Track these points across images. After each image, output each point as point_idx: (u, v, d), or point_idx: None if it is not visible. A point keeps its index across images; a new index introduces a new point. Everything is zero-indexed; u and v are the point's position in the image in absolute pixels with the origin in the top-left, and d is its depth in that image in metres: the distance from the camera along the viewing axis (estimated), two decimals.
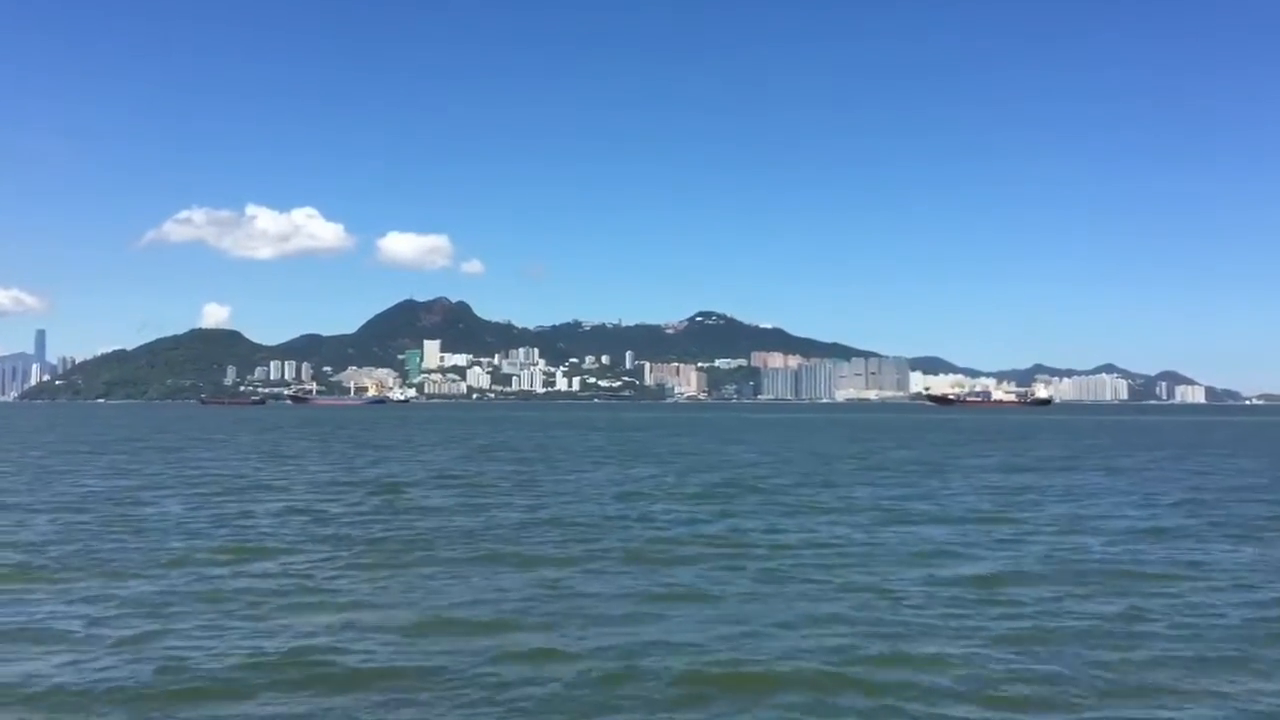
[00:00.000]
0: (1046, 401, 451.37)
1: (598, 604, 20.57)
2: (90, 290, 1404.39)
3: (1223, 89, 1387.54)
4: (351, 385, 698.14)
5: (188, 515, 34.48)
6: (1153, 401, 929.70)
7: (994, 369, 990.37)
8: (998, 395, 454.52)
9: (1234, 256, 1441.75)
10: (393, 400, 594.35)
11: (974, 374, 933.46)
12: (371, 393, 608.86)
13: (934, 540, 29.11)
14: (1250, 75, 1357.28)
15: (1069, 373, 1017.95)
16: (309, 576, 23.41)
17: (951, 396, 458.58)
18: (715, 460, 67.54)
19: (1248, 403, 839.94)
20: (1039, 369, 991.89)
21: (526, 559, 25.82)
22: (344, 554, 26.59)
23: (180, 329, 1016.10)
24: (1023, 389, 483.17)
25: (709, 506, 37.57)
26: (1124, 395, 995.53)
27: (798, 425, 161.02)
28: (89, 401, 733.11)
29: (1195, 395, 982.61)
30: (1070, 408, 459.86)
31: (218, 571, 23.98)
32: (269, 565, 24.92)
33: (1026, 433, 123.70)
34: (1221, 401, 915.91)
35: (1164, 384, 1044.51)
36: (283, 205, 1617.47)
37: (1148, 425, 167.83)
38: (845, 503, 39.37)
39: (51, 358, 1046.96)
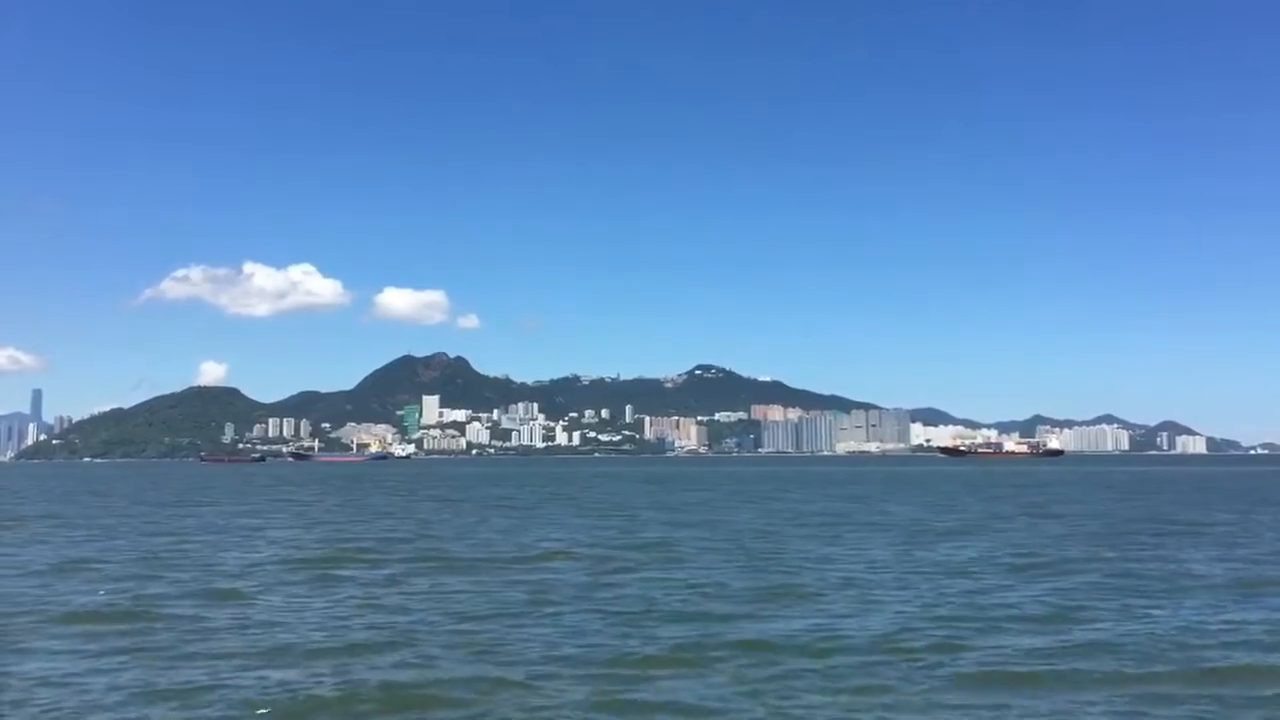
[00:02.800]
0: (1058, 453, 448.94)
1: None
2: (87, 349, 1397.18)
3: (1218, 141, 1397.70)
4: (354, 442, 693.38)
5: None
6: (1154, 452, 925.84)
7: (993, 420, 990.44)
8: (1009, 446, 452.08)
9: (1231, 306, 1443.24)
10: (395, 456, 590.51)
11: (974, 425, 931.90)
12: (374, 449, 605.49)
13: None
14: (1249, 121, 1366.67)
15: (1068, 423, 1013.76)
16: None
17: (963, 448, 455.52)
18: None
19: (1251, 452, 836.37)
20: (1038, 419, 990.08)
21: None
22: None
23: (177, 387, 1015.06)
24: (1034, 440, 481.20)
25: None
26: (1125, 446, 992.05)
27: (858, 479, 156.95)
28: (87, 461, 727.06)
29: (1196, 446, 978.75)
30: (1082, 459, 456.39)
31: None
32: None
33: (1145, 489, 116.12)
34: (1222, 451, 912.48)
35: (1165, 434, 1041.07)
36: (280, 262, 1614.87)
37: (1196, 476, 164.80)
38: None
39: (48, 417, 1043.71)
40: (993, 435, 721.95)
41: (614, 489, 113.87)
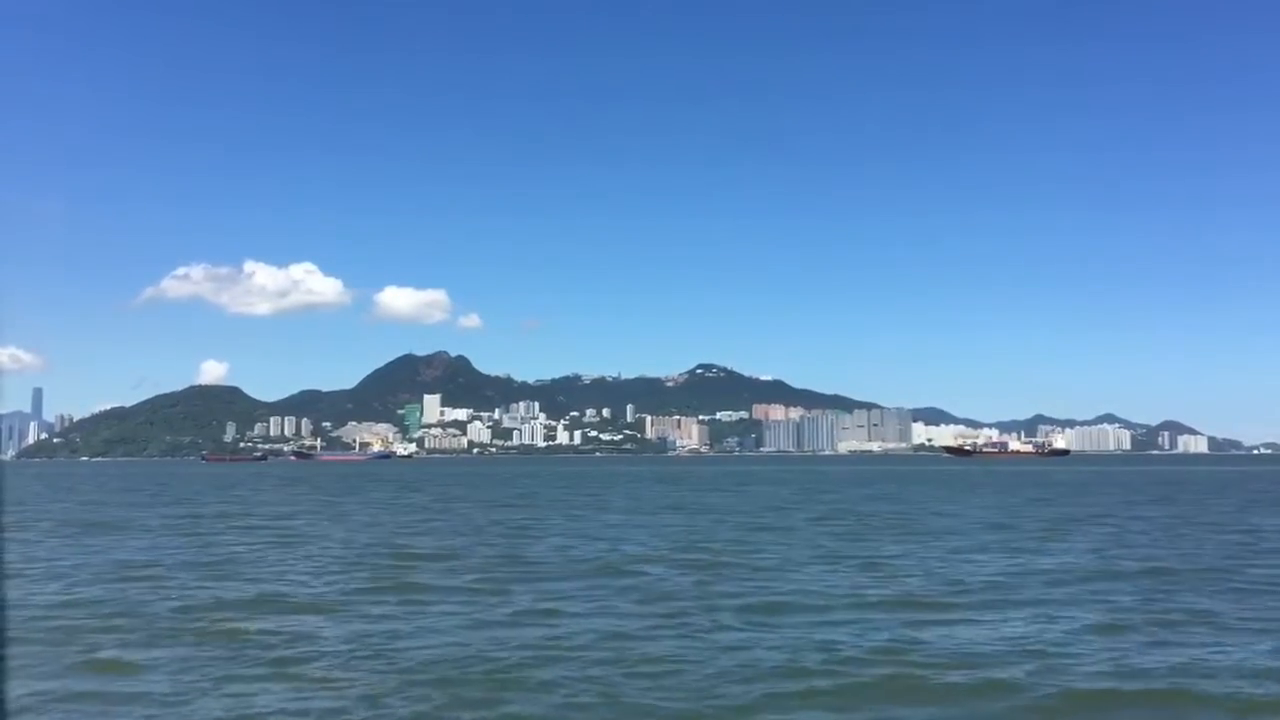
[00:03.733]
0: (1064, 452, 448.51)
1: None
2: (88, 347, 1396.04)
3: (1220, 140, 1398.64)
4: (356, 441, 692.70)
5: None
6: (1155, 451, 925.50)
7: (994, 419, 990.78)
8: (1015, 446, 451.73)
9: (1232, 305, 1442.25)
10: (398, 455, 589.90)
11: (975, 425, 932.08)
12: (377, 448, 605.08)
13: None
14: (1251, 120, 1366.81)
15: (1070, 423, 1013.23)
16: None
17: (968, 448, 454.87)
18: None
19: (1254, 452, 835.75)
20: (1040, 419, 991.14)
21: None
22: None
23: (178, 386, 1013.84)
24: (1040, 440, 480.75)
25: None
26: (1126, 445, 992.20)
27: (880, 479, 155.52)
28: (84, 460, 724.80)
29: (1198, 445, 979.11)
30: (1089, 459, 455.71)
31: None
32: None
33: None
34: (1224, 451, 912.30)
35: (1166, 434, 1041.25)
36: (281, 261, 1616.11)
37: (1217, 476, 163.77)
38: None
39: (49, 416, 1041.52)
40: (994, 435, 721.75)
41: (637, 489, 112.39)
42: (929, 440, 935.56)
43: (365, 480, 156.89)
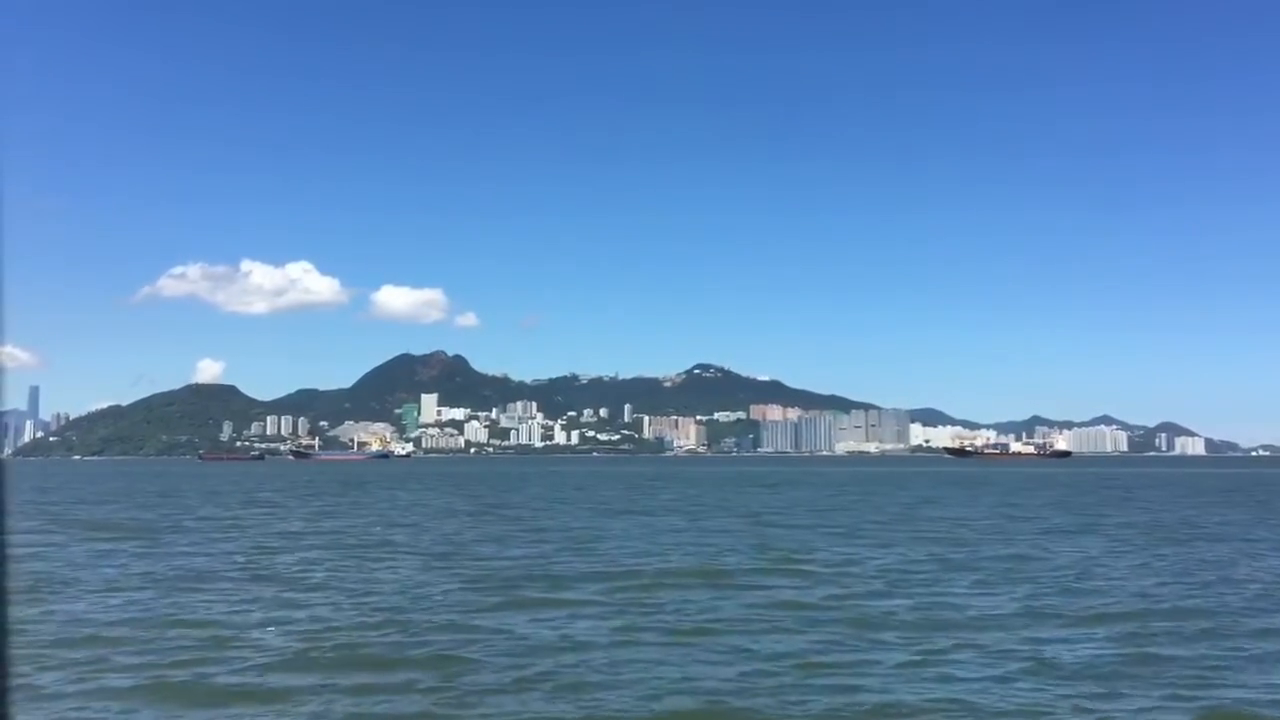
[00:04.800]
0: (1066, 454, 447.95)
1: None
2: (84, 346, 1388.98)
3: (1217, 141, 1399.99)
4: (354, 440, 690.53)
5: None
6: (1153, 453, 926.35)
7: (992, 420, 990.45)
8: (1016, 447, 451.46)
9: (1229, 307, 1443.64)
10: (396, 455, 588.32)
11: (972, 426, 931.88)
12: (375, 447, 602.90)
13: None
14: (1248, 121, 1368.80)
15: (1067, 424, 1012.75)
16: None
17: (969, 449, 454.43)
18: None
19: (1252, 454, 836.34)
20: (1037, 420, 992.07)
21: None
22: None
23: (175, 384, 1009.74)
24: (1041, 441, 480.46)
25: None
26: (1124, 447, 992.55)
27: (908, 481, 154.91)
28: (77, 459, 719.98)
29: (1195, 447, 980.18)
30: (1091, 461, 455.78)
31: None
32: None
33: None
34: (1221, 453, 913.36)
35: (1163, 435, 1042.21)
36: (277, 259, 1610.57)
37: (1256, 479, 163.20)
38: None
39: (45, 414, 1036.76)
40: (992, 436, 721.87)
41: (668, 489, 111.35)
42: (926, 441, 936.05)
43: (393, 480, 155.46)
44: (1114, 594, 30.10)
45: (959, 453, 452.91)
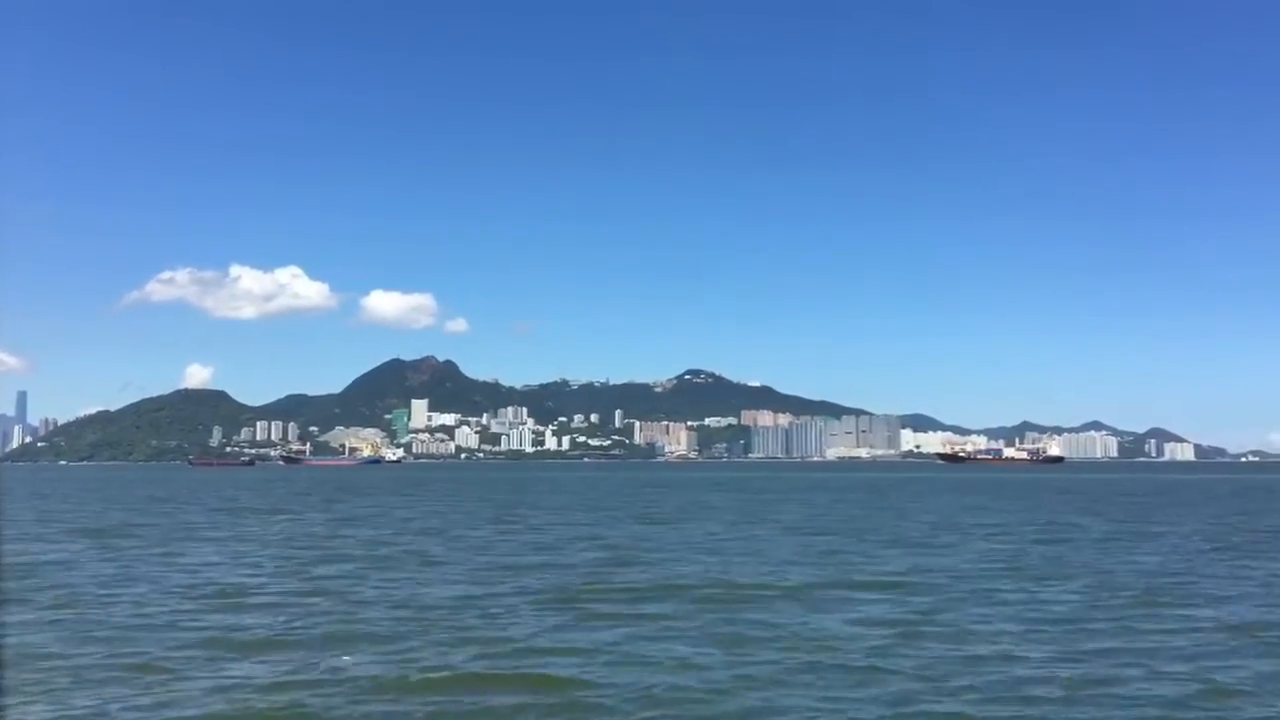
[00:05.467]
0: (1059, 459, 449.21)
1: None
2: (73, 351, 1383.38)
3: (1207, 147, 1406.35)
4: (345, 445, 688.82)
5: None
6: (1142, 459, 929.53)
7: (981, 426, 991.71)
8: (1010, 453, 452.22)
9: (1216, 313, 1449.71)
10: (388, 461, 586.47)
11: (962, 431, 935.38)
12: (366, 453, 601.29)
13: None
14: (1238, 128, 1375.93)
15: (1057, 430, 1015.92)
16: None
17: (963, 455, 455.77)
18: None
19: (1242, 459, 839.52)
20: (1027, 426, 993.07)
21: None
22: None
23: (163, 390, 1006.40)
24: (1034, 447, 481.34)
25: None
26: (1114, 452, 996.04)
27: (935, 488, 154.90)
28: (63, 464, 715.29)
29: (1184, 453, 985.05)
30: (1084, 467, 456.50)
31: None
32: None
33: None
34: (1210, 459, 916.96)
35: (1153, 441, 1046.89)
36: (266, 264, 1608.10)
37: (1249, 485, 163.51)
38: None
39: (33, 419, 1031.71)
40: (982, 441, 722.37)
41: (674, 496, 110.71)
42: (917, 447, 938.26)
43: (397, 486, 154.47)
44: None
45: (952, 458, 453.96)
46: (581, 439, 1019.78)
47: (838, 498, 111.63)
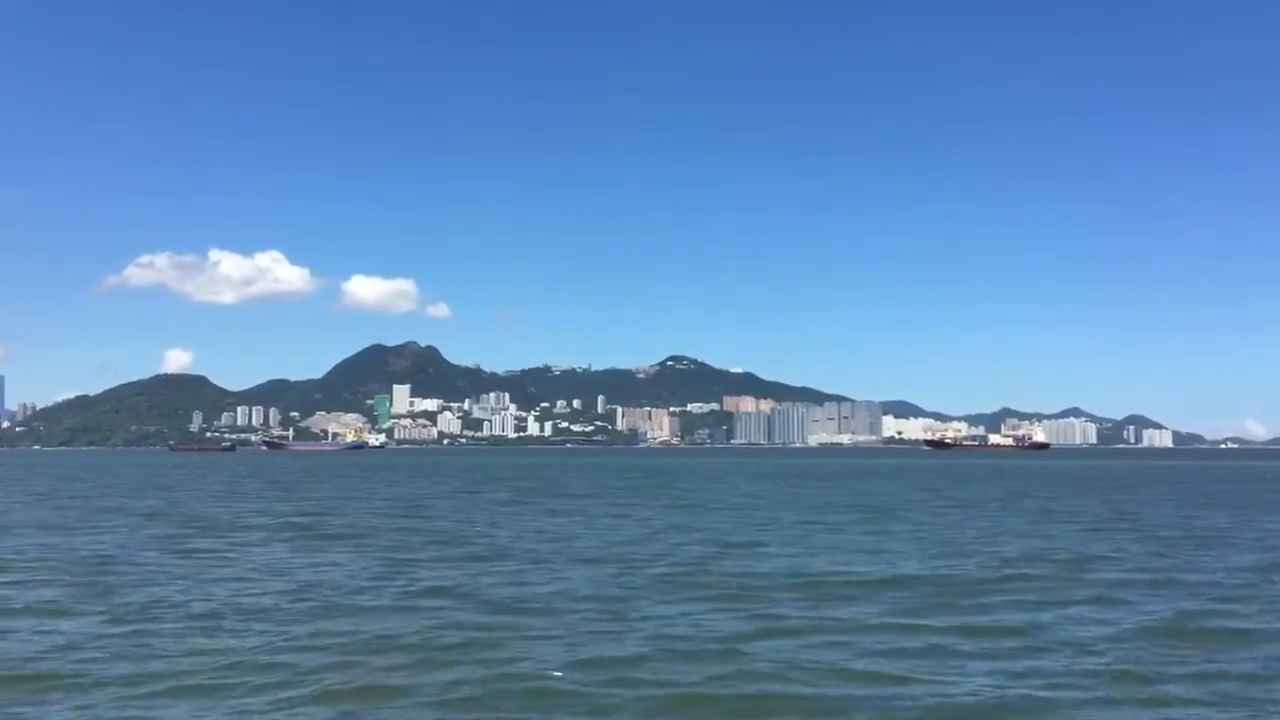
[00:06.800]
0: (1044, 446, 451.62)
1: None
2: (50, 336, 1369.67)
3: (1183, 139, 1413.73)
4: (329, 431, 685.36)
5: None
6: (1121, 445, 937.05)
7: (962, 413, 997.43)
8: (995, 439, 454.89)
9: (1194, 303, 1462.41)
10: (371, 446, 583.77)
11: (943, 418, 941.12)
12: (350, 438, 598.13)
13: None
14: (1212, 120, 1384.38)
15: (1036, 416, 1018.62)
16: None
17: (949, 441, 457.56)
18: None
19: (1221, 446, 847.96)
20: (1006, 413, 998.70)
21: None
22: None
23: (142, 374, 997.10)
24: (1020, 434, 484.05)
25: None
26: (1093, 439, 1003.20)
27: (951, 474, 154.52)
28: (36, 449, 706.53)
29: (1163, 440, 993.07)
30: (1068, 453, 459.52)
31: None
32: None
33: None
34: (1188, 445, 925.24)
35: (1131, 428, 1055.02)
36: (246, 249, 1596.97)
37: (1254, 471, 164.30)
38: None
39: (11, 404, 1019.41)
40: (963, 428, 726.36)
41: (687, 480, 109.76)
42: (899, 433, 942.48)
43: (398, 472, 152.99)
44: None
45: (938, 444, 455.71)
46: (564, 425, 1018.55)
47: (890, 481, 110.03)
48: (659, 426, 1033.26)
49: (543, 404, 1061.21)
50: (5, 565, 36.35)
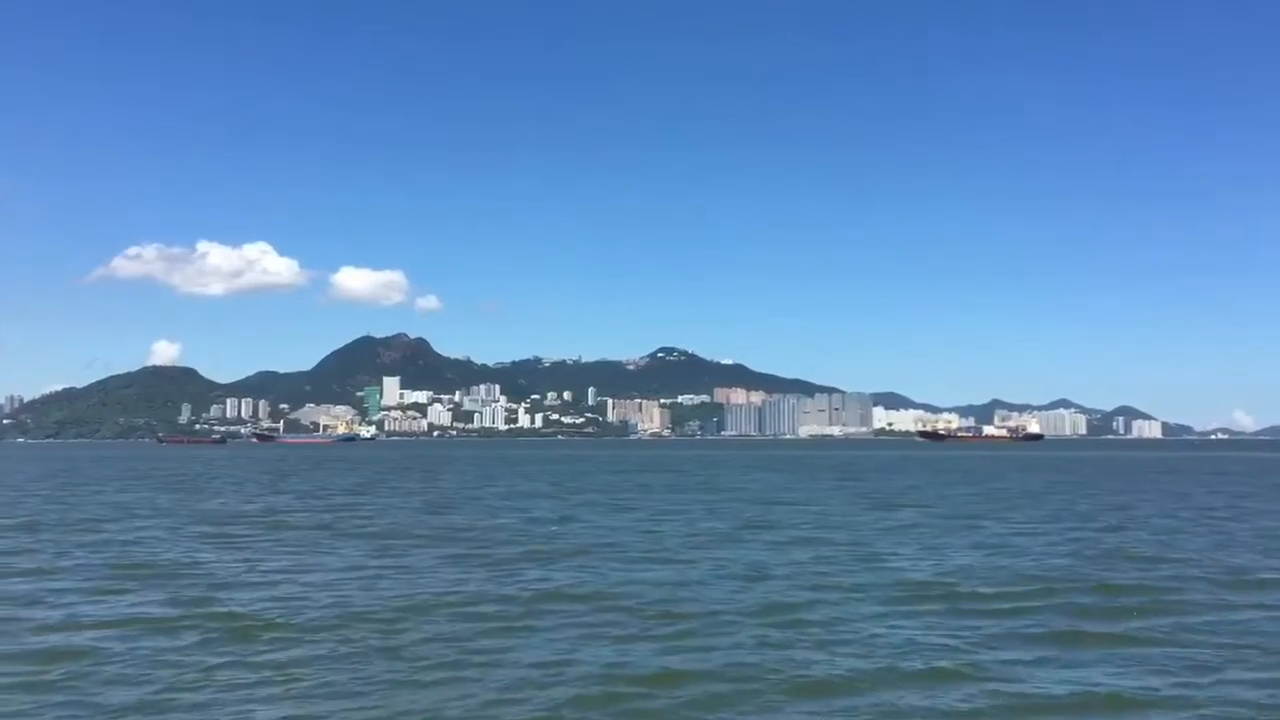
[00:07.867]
0: (1038, 437, 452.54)
1: None
2: (38, 328, 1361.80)
3: (1174, 133, 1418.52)
4: (319, 423, 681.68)
5: None
6: (1110, 436, 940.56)
7: (952, 404, 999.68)
8: (989, 431, 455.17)
9: (1185, 295, 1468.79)
10: (362, 438, 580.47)
11: (933, 410, 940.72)
12: (341, 430, 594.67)
13: None
14: (1205, 115, 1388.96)
15: (1026, 408, 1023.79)
16: None
17: (943, 432, 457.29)
18: None
19: (1211, 438, 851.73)
20: (996, 404, 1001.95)
21: None
22: None
23: (130, 367, 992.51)
24: (1014, 425, 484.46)
25: None
26: (1083, 430, 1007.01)
27: (964, 467, 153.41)
28: (21, 442, 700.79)
29: (1152, 430, 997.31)
30: (1062, 444, 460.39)
31: None
32: None
33: None
34: (1177, 436, 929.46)
35: (1121, 419, 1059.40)
36: (235, 240, 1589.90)
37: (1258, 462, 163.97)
38: None
39: None
40: (954, 419, 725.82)
41: (722, 473, 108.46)
42: (890, 424, 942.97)
43: (406, 464, 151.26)
44: None
45: (932, 436, 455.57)
46: (555, 417, 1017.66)
47: (931, 478, 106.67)
48: (649, 418, 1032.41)
49: (533, 396, 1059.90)
50: None
